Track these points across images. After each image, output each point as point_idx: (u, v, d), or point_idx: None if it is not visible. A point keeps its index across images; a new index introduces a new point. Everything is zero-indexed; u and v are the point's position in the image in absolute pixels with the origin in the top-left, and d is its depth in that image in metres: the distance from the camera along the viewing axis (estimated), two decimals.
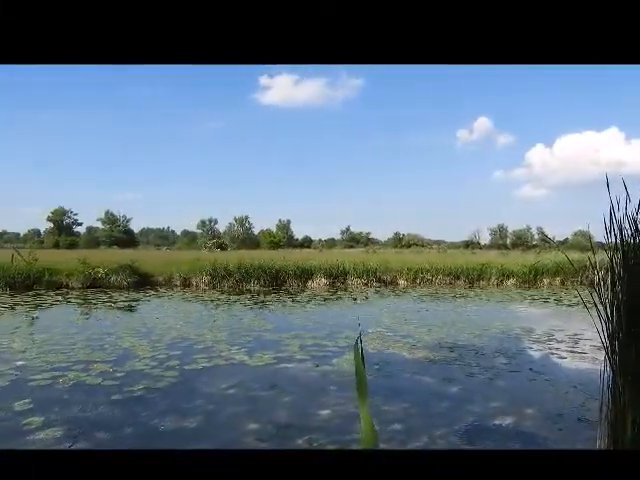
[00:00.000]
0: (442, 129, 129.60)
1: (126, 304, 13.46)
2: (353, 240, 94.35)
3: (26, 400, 4.97)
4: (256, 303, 13.95)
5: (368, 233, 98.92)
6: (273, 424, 4.43)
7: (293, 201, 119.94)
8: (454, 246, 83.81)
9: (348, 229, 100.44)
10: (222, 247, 60.42)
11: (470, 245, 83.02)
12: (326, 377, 6.05)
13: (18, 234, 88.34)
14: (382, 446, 3.88)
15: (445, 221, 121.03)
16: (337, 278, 20.32)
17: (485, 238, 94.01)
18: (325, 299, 15.47)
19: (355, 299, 15.71)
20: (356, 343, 0.73)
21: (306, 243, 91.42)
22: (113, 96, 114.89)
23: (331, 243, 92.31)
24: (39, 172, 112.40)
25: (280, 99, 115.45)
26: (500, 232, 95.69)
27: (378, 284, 20.50)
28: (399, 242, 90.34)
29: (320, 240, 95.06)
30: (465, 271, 21.49)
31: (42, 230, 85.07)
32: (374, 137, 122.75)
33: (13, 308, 12.41)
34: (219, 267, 18.96)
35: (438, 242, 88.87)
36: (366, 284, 20.29)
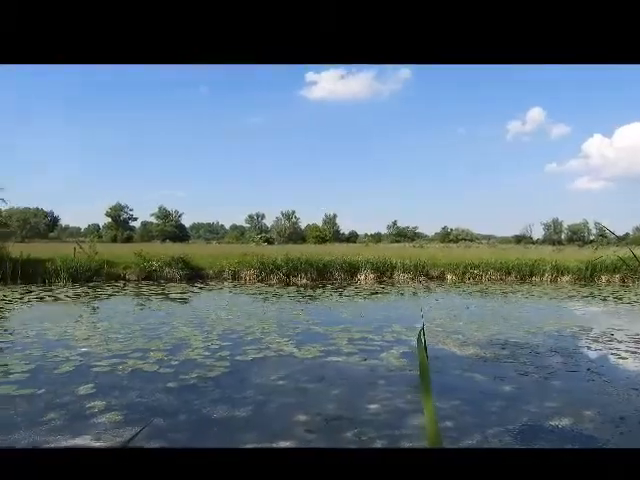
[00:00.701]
0: (492, 120, 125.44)
1: (179, 296, 13.94)
2: (400, 235, 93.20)
3: (89, 385, 5.26)
4: (303, 296, 14.09)
5: (415, 227, 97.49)
6: (322, 416, 4.47)
7: (340, 196, 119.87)
8: (505, 241, 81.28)
9: (395, 223, 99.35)
10: (269, 241, 61.41)
11: (522, 240, 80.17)
12: (374, 371, 6.04)
13: (79, 228, 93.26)
14: None
15: (495, 215, 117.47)
16: (384, 273, 20.19)
17: (538, 233, 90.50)
18: (372, 293, 15.41)
19: (402, 294, 15.55)
20: (419, 336, 0.71)
21: (352, 237, 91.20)
22: (171, 97, 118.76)
23: (377, 238, 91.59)
24: (99, 168, 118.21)
25: (327, 94, 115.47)
26: (554, 227, 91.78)
27: (425, 279, 20.19)
28: (447, 237, 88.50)
29: (366, 235, 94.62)
30: (516, 267, 20.80)
31: (101, 225, 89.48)
32: (422, 130, 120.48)
33: (76, 298, 13.13)
34: (267, 261, 19.27)
35: (488, 237, 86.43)
36: (413, 279, 20.04)
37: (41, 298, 13.04)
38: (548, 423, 4.40)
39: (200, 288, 16.11)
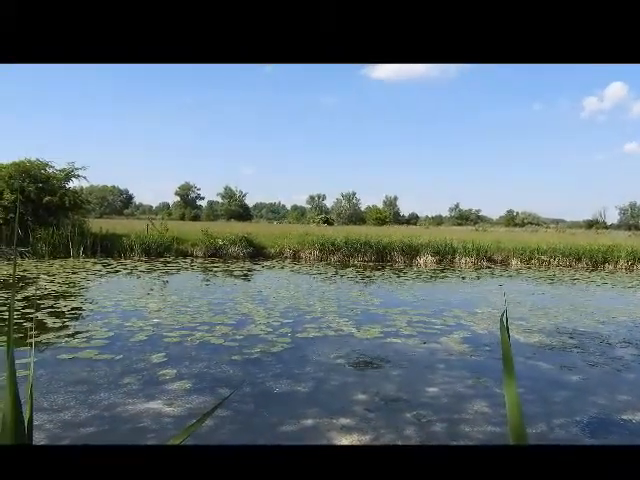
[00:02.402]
0: (565, 97, 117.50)
1: (242, 273, 14.43)
2: (462, 218, 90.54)
3: (161, 354, 5.62)
4: (362, 277, 14.12)
5: (478, 210, 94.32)
6: (381, 396, 4.53)
7: (401, 178, 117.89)
8: (575, 225, 76.85)
9: (457, 206, 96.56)
10: (329, 222, 61.67)
11: (594, 225, 75.36)
12: (434, 355, 6.00)
13: (151, 206, 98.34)
14: (494, 429, 3.79)
15: (565, 198, 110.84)
16: (445, 256, 19.77)
17: (612, 217, 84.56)
18: (431, 276, 15.18)
19: (464, 278, 15.19)
20: (501, 318, 0.71)
21: (412, 220, 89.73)
22: (239, 76, 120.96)
23: (438, 220, 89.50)
24: (169, 149, 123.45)
25: (391, 73, 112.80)
26: (632, 211, 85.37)
27: (488, 264, 19.57)
28: (512, 220, 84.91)
29: (427, 217, 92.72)
30: (588, 253, 19.64)
31: (171, 203, 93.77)
32: (493, 109, 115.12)
33: (148, 272, 13.95)
34: (326, 241, 19.44)
35: (556, 221, 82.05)
36: (475, 263, 19.49)
37: (117, 271, 13.97)
38: (619, 417, 4.20)
39: (262, 266, 16.57)
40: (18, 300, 8.63)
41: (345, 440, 3.59)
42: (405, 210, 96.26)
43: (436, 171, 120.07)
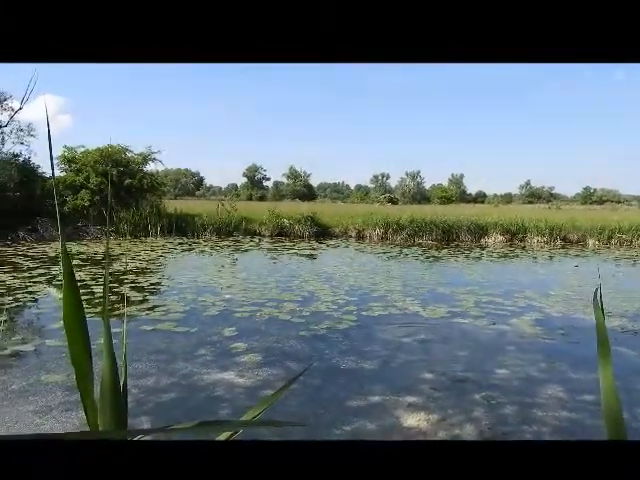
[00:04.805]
0: None
1: (308, 252, 14.66)
2: (533, 196, 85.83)
3: (232, 328, 5.88)
4: (428, 257, 13.88)
5: (551, 188, 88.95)
6: (447, 376, 4.49)
7: (466, 155, 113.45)
8: None
9: (528, 183, 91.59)
10: (393, 201, 60.86)
11: None
12: (503, 336, 5.83)
13: (220, 188, 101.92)
14: (570, 415, 3.66)
15: None
16: (515, 235, 18.94)
17: None
18: (501, 256, 14.62)
19: (535, 258, 14.51)
20: (594, 298, 0.69)
21: (480, 198, 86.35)
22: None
23: (508, 198, 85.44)
24: (237, 131, 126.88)
25: None
26: None
27: (563, 243, 18.52)
28: (589, 198, 79.45)
29: (495, 195, 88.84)
30: None
31: (239, 184, 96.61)
32: (558, 80, 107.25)
33: (219, 250, 14.55)
34: (391, 221, 19.24)
35: (639, 198, 75.54)
36: (548, 243, 18.51)
37: (191, 249, 14.71)
38: None
39: (327, 245, 16.74)
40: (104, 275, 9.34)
41: (412, 419, 3.61)
42: (472, 188, 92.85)
43: (505, 147, 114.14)
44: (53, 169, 1.03)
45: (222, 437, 0.91)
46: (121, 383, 0.89)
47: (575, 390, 4.14)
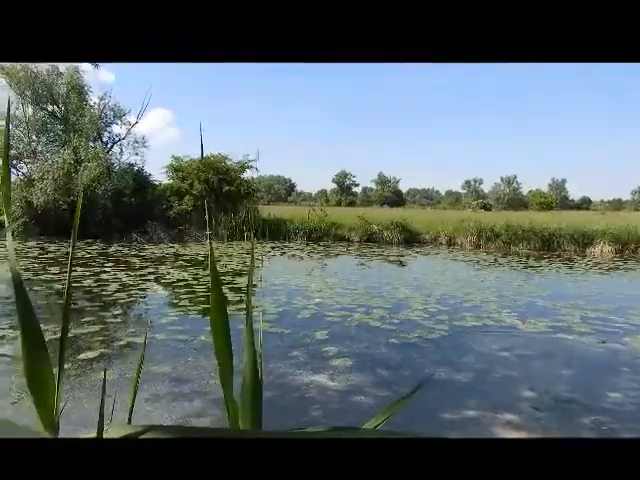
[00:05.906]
0: None
1: (397, 258, 14.51)
2: None
3: (324, 331, 5.98)
4: (525, 267, 13.09)
5: None
6: (551, 395, 4.20)
7: (568, 158, 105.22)
8: None
9: None
10: (486, 208, 58.27)
11: None
12: (615, 356, 5.33)
13: (310, 194, 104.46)
14: None
15: None
16: (626, 245, 17.20)
17: None
18: (610, 268, 13.37)
19: None
20: None
21: (584, 205, 79.80)
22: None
23: (617, 205, 77.93)
24: (334, 139, 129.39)
25: None
26: None
27: None
28: None
29: (602, 201, 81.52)
30: None
31: (328, 190, 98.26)
32: None
33: (310, 255, 14.89)
34: (485, 228, 18.42)
35: None
36: None
37: (283, 252, 15.22)
38: None
39: (417, 252, 16.43)
40: (205, 276, 9.95)
41: (512, 437, 3.44)
42: (575, 194, 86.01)
43: (612, 148, 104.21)
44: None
45: None
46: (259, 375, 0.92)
47: None
